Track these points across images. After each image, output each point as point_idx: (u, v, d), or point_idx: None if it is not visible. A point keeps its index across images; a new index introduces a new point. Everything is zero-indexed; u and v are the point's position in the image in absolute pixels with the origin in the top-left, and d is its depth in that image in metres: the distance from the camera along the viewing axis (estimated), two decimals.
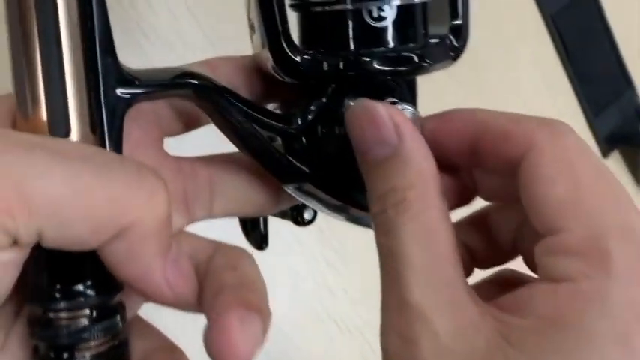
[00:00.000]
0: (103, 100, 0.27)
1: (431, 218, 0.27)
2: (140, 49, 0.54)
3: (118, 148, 0.28)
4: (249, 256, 0.29)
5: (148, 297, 0.27)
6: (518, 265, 0.31)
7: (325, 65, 0.30)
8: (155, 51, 0.54)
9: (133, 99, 0.28)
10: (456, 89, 0.73)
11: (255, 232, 0.50)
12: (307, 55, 0.30)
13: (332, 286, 0.63)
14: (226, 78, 0.32)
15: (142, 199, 0.25)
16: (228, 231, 0.35)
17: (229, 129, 0.30)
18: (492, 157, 0.28)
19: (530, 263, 0.30)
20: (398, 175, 0.27)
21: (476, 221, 0.32)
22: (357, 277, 0.64)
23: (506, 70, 0.80)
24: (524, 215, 0.27)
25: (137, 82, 0.28)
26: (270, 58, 0.30)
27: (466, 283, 0.27)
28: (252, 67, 0.33)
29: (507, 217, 0.31)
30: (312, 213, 0.35)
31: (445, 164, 0.29)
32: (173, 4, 0.55)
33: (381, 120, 0.28)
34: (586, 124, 0.86)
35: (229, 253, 0.29)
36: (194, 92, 0.29)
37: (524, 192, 0.27)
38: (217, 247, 0.30)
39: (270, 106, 0.34)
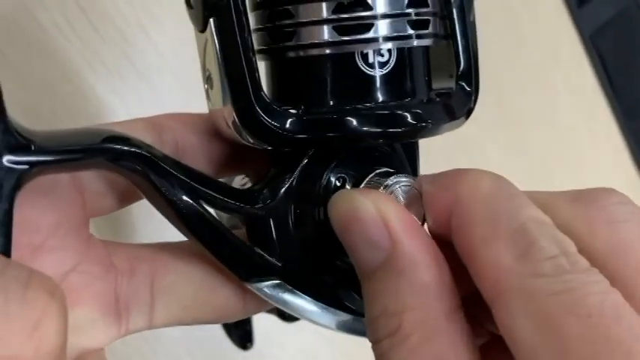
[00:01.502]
0: None
1: (438, 351, 0.20)
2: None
3: (3, 239, 0.22)
4: None
5: None
6: None
7: (302, 125, 0.24)
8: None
9: (28, 172, 0.22)
10: (476, 122, 0.68)
11: (239, 329, 0.45)
12: (280, 113, 0.24)
13: None
14: (176, 141, 0.27)
15: (23, 330, 0.19)
16: None
17: (171, 212, 0.24)
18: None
19: None
20: (389, 292, 0.21)
21: None
22: None
23: (540, 103, 0.75)
24: None
25: (34, 148, 0.22)
26: (235, 116, 0.24)
27: None
28: (211, 130, 0.27)
29: None
30: None
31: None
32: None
33: (366, 216, 0.22)
34: (634, 166, 0.80)
35: None
36: (117, 162, 0.23)
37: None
38: None
39: (238, 179, 0.29)
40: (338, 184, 0.25)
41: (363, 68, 0.24)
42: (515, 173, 0.25)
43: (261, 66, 0.26)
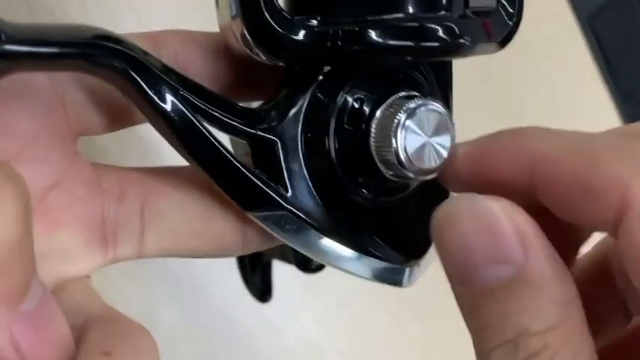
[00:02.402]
0: None
1: None
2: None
3: None
4: (142, 340, 0.21)
5: None
6: None
7: (319, 37, 0.22)
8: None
9: None
10: (474, 113, 0.67)
11: (256, 277, 0.43)
12: (294, 23, 0.22)
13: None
14: (176, 57, 0.25)
15: None
16: None
17: (162, 124, 0.22)
18: (562, 212, 0.21)
19: None
20: (529, 310, 0.20)
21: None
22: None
23: (535, 84, 0.74)
24: None
25: (3, 38, 0.20)
26: (244, 27, 0.22)
27: None
28: (219, 48, 0.25)
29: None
30: None
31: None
32: None
33: (501, 229, 0.20)
34: None
35: (112, 328, 0.21)
36: (104, 62, 0.21)
37: (631, 271, 0.20)
38: (103, 314, 0.22)
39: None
40: (356, 105, 0.23)
41: None
42: None
43: None
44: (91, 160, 0.24)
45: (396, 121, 0.22)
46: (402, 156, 0.22)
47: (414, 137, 0.22)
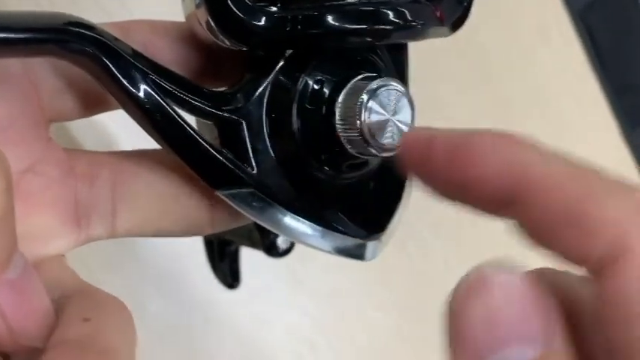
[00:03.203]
0: None
1: None
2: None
3: None
4: (119, 309, 0.23)
5: None
6: None
7: (279, 22, 0.24)
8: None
9: None
10: (464, 104, 0.68)
11: (224, 265, 0.45)
12: (256, 9, 0.24)
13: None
14: (145, 45, 0.26)
15: None
16: None
17: (133, 108, 0.24)
18: (538, 235, 0.20)
19: None
20: None
21: None
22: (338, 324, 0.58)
23: (524, 79, 0.75)
24: None
25: None
26: (208, 15, 0.24)
27: None
28: (185, 36, 0.27)
29: None
30: (288, 241, 0.29)
31: None
32: None
33: (530, 302, 0.19)
34: (622, 139, 0.81)
35: (90, 298, 0.23)
36: (74, 47, 0.23)
37: (604, 323, 0.19)
38: (81, 288, 0.24)
39: None
40: (316, 87, 0.25)
41: None
42: None
43: None
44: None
45: (359, 102, 0.24)
46: (367, 134, 0.24)
47: (376, 116, 0.24)
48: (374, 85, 0.24)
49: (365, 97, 0.24)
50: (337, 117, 0.25)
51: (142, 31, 0.27)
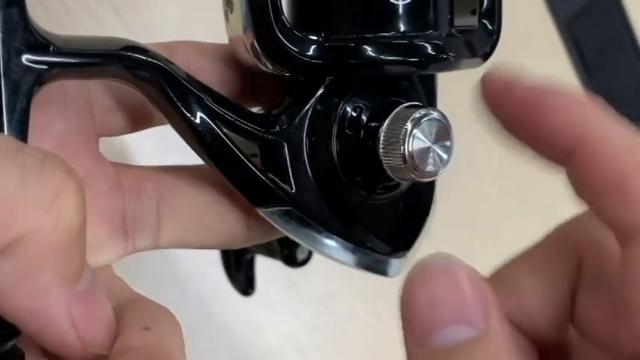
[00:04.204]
0: (1, 69, 0.23)
1: None
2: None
3: (20, 137, 0.24)
4: (172, 319, 0.25)
5: (45, 343, 0.23)
6: None
7: (322, 51, 0.27)
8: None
9: (46, 72, 0.24)
10: (449, 113, 0.71)
11: (240, 273, 0.47)
12: (301, 38, 0.27)
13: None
14: (189, 65, 0.29)
15: (42, 203, 0.21)
16: None
17: (186, 129, 0.27)
18: (584, 193, 0.23)
19: None
20: None
21: None
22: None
23: None
24: None
25: (52, 49, 0.24)
26: (255, 41, 0.27)
27: None
28: (226, 58, 0.30)
29: None
30: (306, 252, 0.31)
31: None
32: None
33: (468, 292, 0.22)
34: None
35: (146, 308, 0.25)
36: (135, 71, 0.25)
37: (623, 286, 0.22)
38: (134, 297, 0.26)
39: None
40: (354, 114, 0.28)
41: None
42: (491, 162, 0.27)
43: None
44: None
45: (403, 130, 0.27)
46: (410, 161, 0.27)
47: (419, 144, 0.27)
48: (418, 114, 0.27)
49: (409, 125, 0.27)
50: (381, 144, 0.27)
51: (186, 52, 0.29)
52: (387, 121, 0.27)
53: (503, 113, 0.24)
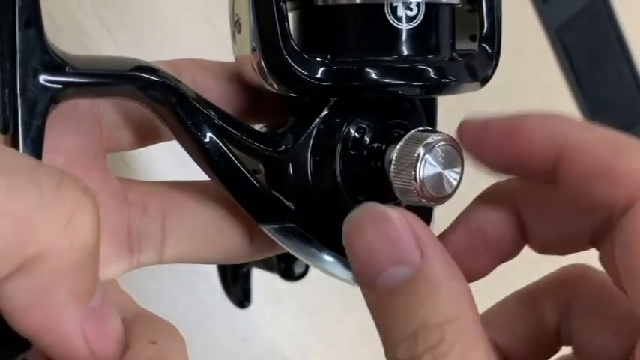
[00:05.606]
0: (18, 88, 0.25)
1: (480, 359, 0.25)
2: None
3: (35, 154, 0.25)
4: (176, 334, 0.27)
5: (56, 358, 0.24)
6: None
7: (328, 73, 0.29)
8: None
9: (62, 92, 0.26)
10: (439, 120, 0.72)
11: (237, 286, 0.49)
12: (308, 60, 0.29)
13: None
14: (195, 83, 0.30)
15: (59, 222, 0.22)
16: None
17: (194, 148, 0.28)
18: (579, 192, 0.26)
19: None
20: (427, 305, 0.25)
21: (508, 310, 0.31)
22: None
23: (506, 101, 0.80)
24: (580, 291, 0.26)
25: (68, 69, 0.26)
26: (262, 61, 0.28)
27: None
28: (233, 76, 0.31)
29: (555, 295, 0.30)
30: (303, 266, 0.33)
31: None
32: None
33: (400, 233, 0.26)
34: None
35: (152, 322, 0.27)
36: (146, 91, 0.27)
37: (623, 259, 0.25)
38: (140, 312, 0.27)
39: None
40: (357, 135, 0.30)
41: (391, 21, 0.29)
42: None
43: (290, 17, 0.30)
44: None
45: (416, 155, 0.28)
46: (420, 186, 0.28)
47: (430, 169, 0.28)
48: (430, 139, 0.28)
49: (422, 150, 0.28)
50: (392, 167, 0.29)
51: (192, 70, 0.31)
52: (399, 145, 0.29)
53: (486, 151, 0.28)
